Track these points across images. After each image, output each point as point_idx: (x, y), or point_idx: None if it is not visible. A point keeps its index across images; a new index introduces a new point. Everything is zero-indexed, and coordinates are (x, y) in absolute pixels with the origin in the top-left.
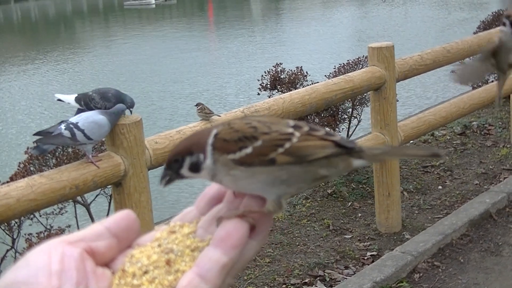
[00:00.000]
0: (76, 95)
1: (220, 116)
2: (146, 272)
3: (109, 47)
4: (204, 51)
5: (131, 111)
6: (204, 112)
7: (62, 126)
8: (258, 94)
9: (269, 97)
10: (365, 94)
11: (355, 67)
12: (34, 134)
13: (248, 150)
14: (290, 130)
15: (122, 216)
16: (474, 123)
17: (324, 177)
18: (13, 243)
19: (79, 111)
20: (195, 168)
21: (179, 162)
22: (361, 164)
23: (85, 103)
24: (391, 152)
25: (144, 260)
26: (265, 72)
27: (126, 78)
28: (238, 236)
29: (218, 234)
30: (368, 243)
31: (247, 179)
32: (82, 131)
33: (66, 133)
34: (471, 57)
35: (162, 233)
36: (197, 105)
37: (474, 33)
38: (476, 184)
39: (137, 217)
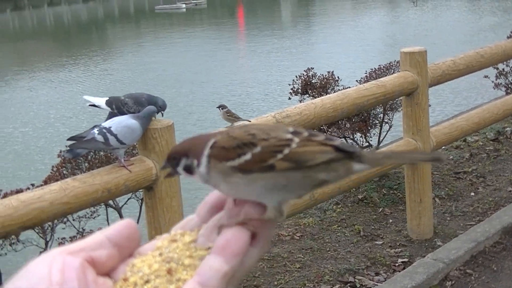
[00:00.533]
0: (107, 98)
1: (250, 121)
2: (147, 281)
3: (140, 52)
4: (234, 55)
5: (162, 114)
6: (234, 117)
7: (95, 131)
8: (289, 98)
9: (300, 102)
10: (396, 99)
11: (387, 72)
12: (68, 139)
13: (247, 156)
14: (289, 136)
15: (123, 225)
16: (508, 129)
17: (324, 182)
18: (46, 245)
19: (110, 115)
20: (188, 170)
21: (176, 160)
22: (362, 169)
23: (117, 107)
24: (393, 157)
25: (145, 269)
26: (296, 76)
27: (156, 82)
28: (239, 244)
29: (219, 242)
30: (399, 249)
31: (246, 186)
32: (115, 135)
33: (99, 138)
34: (504, 62)
35: (163, 241)
36: (220, 107)
37: (508, 37)
38: (510, 191)
39: (137, 226)
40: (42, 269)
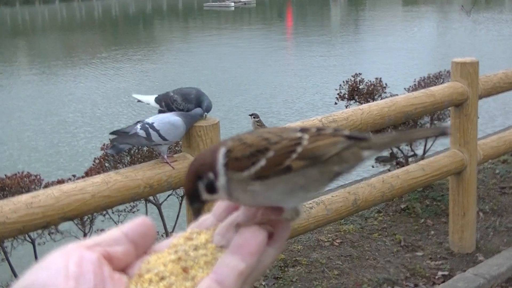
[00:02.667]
0: (156, 95)
1: None
2: (162, 278)
3: (186, 50)
4: (281, 58)
5: (205, 116)
6: (259, 125)
7: (138, 126)
8: (335, 103)
9: (347, 107)
10: (445, 109)
11: (436, 81)
12: (111, 133)
13: (262, 163)
14: (299, 134)
15: (139, 223)
16: None
17: (338, 174)
18: (84, 237)
19: (160, 112)
20: (212, 188)
21: (195, 191)
22: (370, 155)
23: (166, 104)
24: (399, 138)
25: (160, 266)
26: (343, 81)
27: (200, 81)
28: (256, 243)
29: (236, 241)
30: (440, 262)
31: (265, 192)
32: (157, 131)
33: (142, 133)
34: None
35: (179, 239)
36: (252, 115)
37: None
38: None
39: (153, 223)
40: (60, 262)
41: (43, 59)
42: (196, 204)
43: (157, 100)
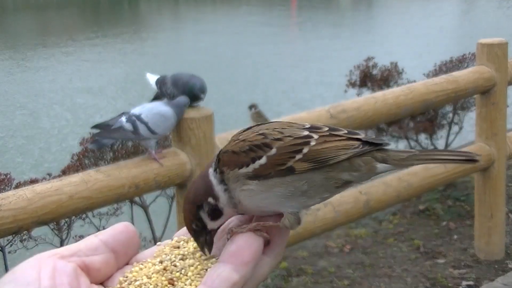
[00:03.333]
0: (158, 76)
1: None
2: None
3: (179, 31)
4: (285, 42)
5: (202, 97)
6: (259, 116)
7: (123, 119)
8: (345, 91)
9: (358, 96)
10: (470, 97)
11: (459, 65)
12: (93, 127)
13: (262, 160)
14: (306, 132)
15: (121, 229)
16: None
17: (347, 183)
18: (61, 244)
19: (155, 98)
20: (216, 213)
21: (199, 224)
22: (385, 169)
23: (160, 87)
24: (420, 157)
25: (144, 278)
26: (354, 66)
27: (194, 66)
28: (250, 252)
29: (229, 248)
30: (464, 270)
31: (263, 193)
32: (146, 124)
33: (128, 126)
34: None
35: (164, 248)
36: (252, 106)
37: None
38: None
39: (136, 230)
40: (31, 274)
41: (11, 42)
42: (203, 238)
43: (156, 81)
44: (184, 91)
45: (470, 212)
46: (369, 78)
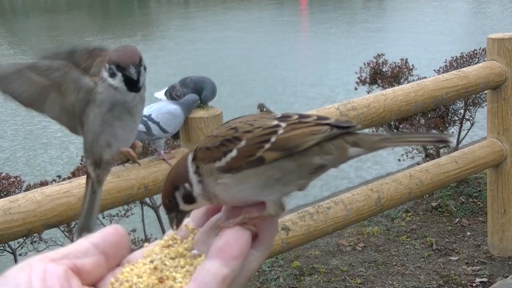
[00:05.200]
0: (166, 88)
1: None
2: None
3: (188, 30)
4: (295, 40)
5: (211, 97)
6: None
7: None
8: (356, 89)
9: (368, 93)
10: (481, 93)
11: (470, 61)
12: None
13: (233, 153)
14: (275, 122)
15: (111, 232)
16: None
17: (321, 167)
18: None
19: None
20: (189, 199)
21: (172, 202)
22: (357, 153)
23: (169, 93)
24: (392, 139)
25: (134, 278)
26: (364, 63)
27: (200, 65)
28: (238, 246)
29: (217, 244)
30: (478, 267)
31: (238, 186)
32: (157, 123)
33: (141, 127)
34: None
35: (154, 248)
36: (260, 107)
37: None
38: None
39: (126, 232)
40: (21, 277)
41: (24, 44)
42: (173, 214)
43: (166, 93)
44: (194, 91)
45: (483, 208)
46: (379, 75)
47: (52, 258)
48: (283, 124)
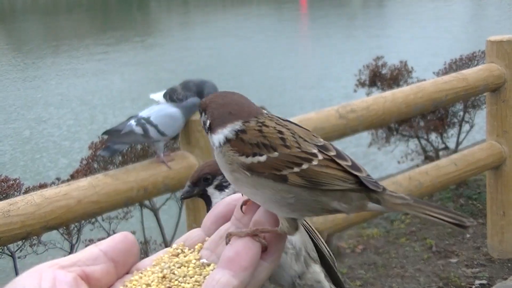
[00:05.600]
0: (164, 91)
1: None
2: None
3: (188, 32)
4: (295, 42)
5: None
6: None
7: (133, 122)
8: (355, 91)
9: (367, 95)
10: (480, 95)
11: (469, 63)
12: (103, 134)
13: (262, 158)
14: (315, 150)
15: (120, 239)
16: None
17: (334, 211)
18: (71, 249)
19: None
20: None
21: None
22: (376, 209)
23: (170, 96)
24: (413, 207)
25: (143, 287)
26: (363, 66)
27: (200, 67)
28: (248, 257)
29: (227, 254)
30: (477, 269)
31: (251, 188)
32: (155, 126)
33: (138, 130)
34: None
35: (163, 256)
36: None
37: None
38: None
39: (135, 239)
40: (31, 284)
41: (22, 47)
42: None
43: (165, 95)
44: (196, 94)
45: (483, 210)
46: (379, 77)
47: (62, 265)
48: (320, 157)
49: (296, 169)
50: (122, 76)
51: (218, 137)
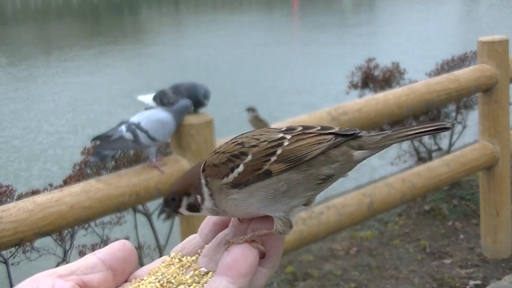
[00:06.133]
0: (154, 93)
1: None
2: None
3: (179, 38)
4: (286, 44)
5: (205, 103)
6: (262, 123)
7: (123, 128)
8: (347, 93)
9: (360, 97)
10: (472, 96)
11: (461, 64)
12: (93, 139)
13: (240, 168)
14: (280, 135)
15: (118, 247)
16: None
17: (328, 177)
18: (65, 254)
19: None
20: (194, 208)
21: (176, 201)
22: (363, 155)
23: (160, 99)
24: (394, 136)
25: None
26: (355, 68)
27: (196, 70)
28: (247, 263)
29: (225, 261)
30: (471, 270)
31: (246, 200)
32: (146, 132)
33: (128, 136)
34: None
35: (160, 265)
36: (250, 109)
37: None
38: None
39: (133, 247)
40: None
41: (12, 55)
42: (168, 209)
43: (154, 97)
44: (188, 97)
45: (476, 211)
46: (371, 79)
47: (60, 274)
48: (288, 136)
49: (273, 158)
50: (114, 81)
51: (205, 196)
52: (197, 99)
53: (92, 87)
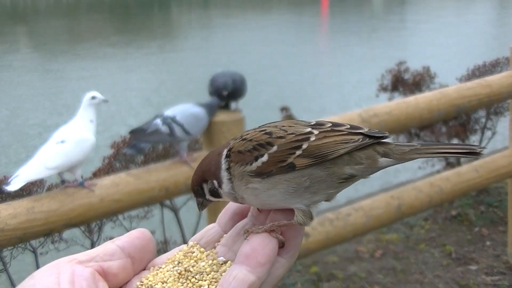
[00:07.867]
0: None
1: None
2: None
3: (208, 36)
4: (316, 46)
5: (224, 95)
6: (290, 119)
7: (159, 121)
8: (377, 96)
9: (390, 100)
10: (503, 102)
11: (493, 69)
12: (130, 132)
13: (264, 158)
14: (308, 129)
15: (137, 235)
16: None
17: (351, 177)
18: (92, 246)
19: None
20: (215, 194)
21: (199, 190)
22: (388, 163)
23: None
24: (422, 151)
25: (159, 284)
26: (386, 71)
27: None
28: (265, 253)
29: (244, 250)
30: (497, 277)
31: (267, 191)
32: (181, 125)
33: (164, 129)
34: None
35: (179, 254)
36: (282, 109)
37: None
38: None
39: (151, 235)
40: (50, 279)
41: (46, 47)
42: (200, 199)
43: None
44: (211, 90)
45: (503, 218)
46: (401, 82)
47: (80, 260)
48: (316, 132)
49: (298, 152)
50: (142, 78)
51: (224, 180)
52: (217, 91)
53: (122, 83)
